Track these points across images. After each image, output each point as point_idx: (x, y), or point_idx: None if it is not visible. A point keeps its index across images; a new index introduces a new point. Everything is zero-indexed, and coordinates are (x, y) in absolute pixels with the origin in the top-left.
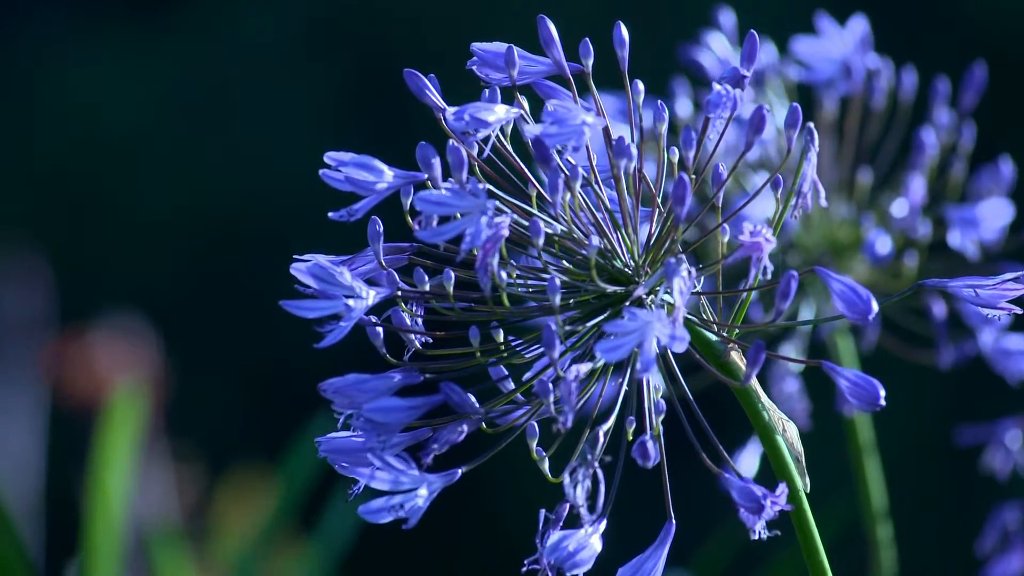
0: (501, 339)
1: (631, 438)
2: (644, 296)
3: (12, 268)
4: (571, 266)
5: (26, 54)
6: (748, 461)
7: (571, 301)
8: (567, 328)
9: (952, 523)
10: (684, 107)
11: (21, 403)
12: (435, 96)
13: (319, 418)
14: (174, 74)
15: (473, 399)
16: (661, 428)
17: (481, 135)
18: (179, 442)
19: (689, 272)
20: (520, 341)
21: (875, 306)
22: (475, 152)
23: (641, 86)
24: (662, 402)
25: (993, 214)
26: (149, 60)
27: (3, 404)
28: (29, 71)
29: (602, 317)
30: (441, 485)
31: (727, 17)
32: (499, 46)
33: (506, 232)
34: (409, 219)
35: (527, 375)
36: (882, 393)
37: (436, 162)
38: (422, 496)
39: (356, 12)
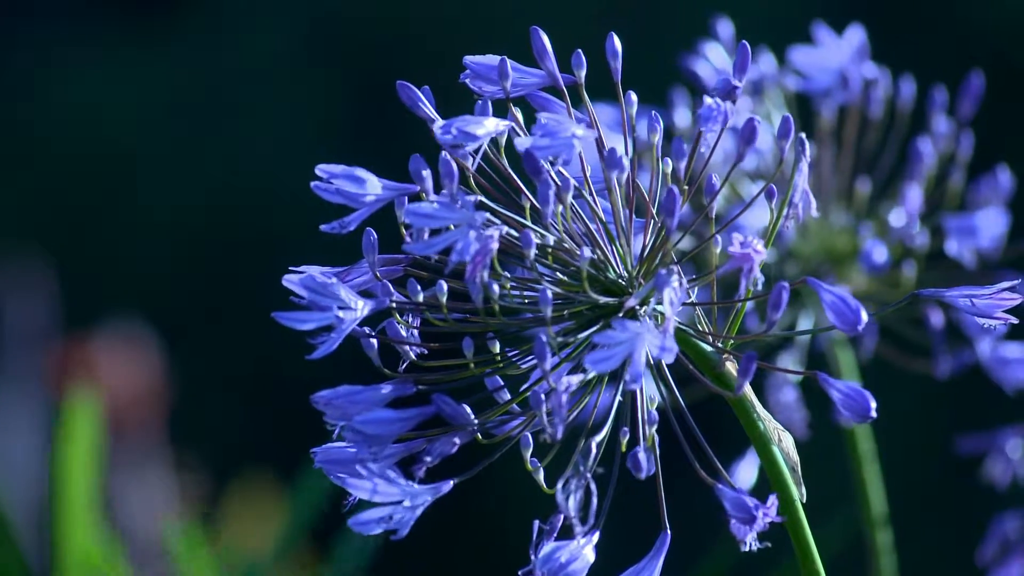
0: (496, 350)
1: (625, 449)
2: (637, 307)
3: (15, 277)
4: (564, 277)
5: (26, 61)
6: (746, 472)
7: (564, 312)
8: (560, 339)
9: (952, 532)
10: (682, 117)
11: (24, 412)
12: (428, 108)
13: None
14: (175, 80)
15: (467, 410)
16: (656, 439)
17: (471, 148)
18: (183, 451)
19: (680, 283)
20: (515, 352)
21: (864, 317)
22: (468, 163)
23: (634, 97)
24: (655, 413)
25: (990, 223)
26: (149, 66)
27: (6, 413)
28: (29, 78)
29: (595, 328)
30: (431, 497)
31: (725, 27)
32: (492, 59)
33: (495, 245)
34: (403, 230)
35: (523, 386)
36: (873, 405)
37: (428, 174)
38: (409, 507)
39: (356, 19)
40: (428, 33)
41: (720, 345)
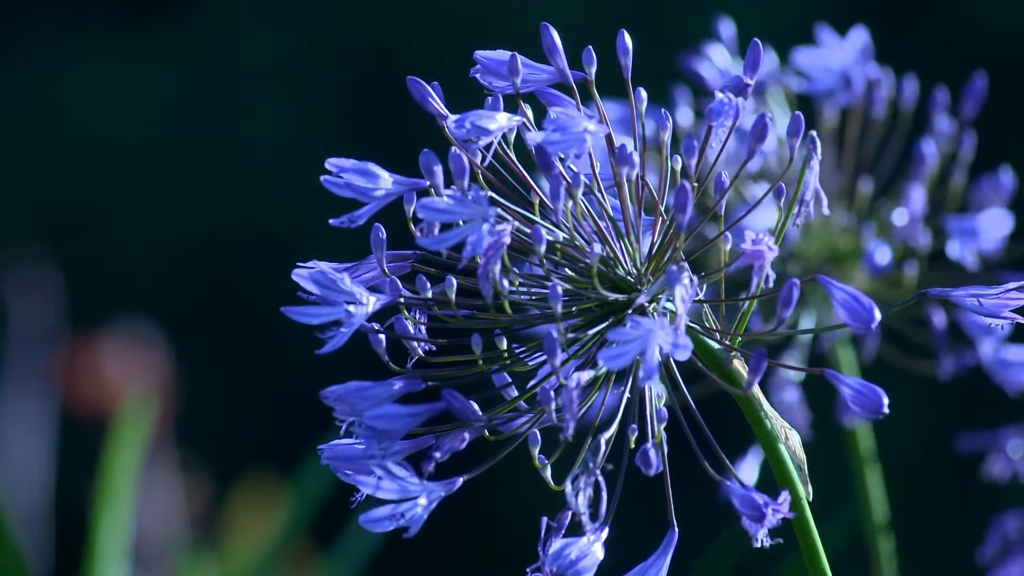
0: (504, 346)
1: (634, 446)
2: (646, 304)
3: (21, 277)
4: (573, 274)
5: (27, 62)
6: (749, 469)
7: (573, 309)
8: (570, 336)
9: (953, 532)
10: (685, 116)
11: (30, 411)
12: (438, 103)
13: (335, 429)
14: (175, 80)
15: (476, 406)
16: (664, 436)
17: (483, 143)
18: (186, 451)
19: (691, 280)
20: (523, 348)
21: (877, 315)
22: (478, 159)
23: (644, 94)
24: (664, 410)
25: (992, 224)
26: (149, 66)
27: (12, 412)
28: (31, 78)
29: (604, 325)
30: (442, 493)
31: (727, 28)
32: (502, 54)
33: (508, 239)
34: (412, 226)
35: (531, 383)
36: (885, 401)
37: (438, 169)
38: (422, 505)
39: (358, 17)
40: (428, 33)
41: (728, 343)
